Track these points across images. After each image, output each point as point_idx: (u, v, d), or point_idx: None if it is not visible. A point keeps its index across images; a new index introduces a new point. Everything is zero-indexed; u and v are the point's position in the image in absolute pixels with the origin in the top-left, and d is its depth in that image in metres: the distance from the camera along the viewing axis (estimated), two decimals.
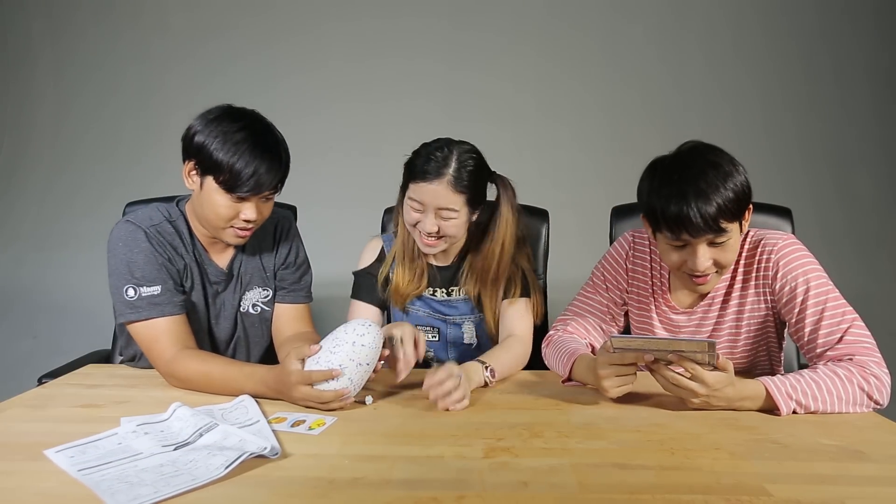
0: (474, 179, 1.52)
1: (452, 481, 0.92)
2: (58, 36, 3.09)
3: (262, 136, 1.39)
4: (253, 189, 1.36)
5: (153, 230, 1.44)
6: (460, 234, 1.59)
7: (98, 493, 0.86)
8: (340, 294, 1.87)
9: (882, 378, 1.25)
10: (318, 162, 3.05)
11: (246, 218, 1.40)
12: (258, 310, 1.60)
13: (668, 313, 1.52)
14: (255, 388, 1.29)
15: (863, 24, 3.05)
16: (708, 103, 3.03)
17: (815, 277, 1.35)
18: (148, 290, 1.39)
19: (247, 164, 1.34)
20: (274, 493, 0.88)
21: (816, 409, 1.21)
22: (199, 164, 1.38)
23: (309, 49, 3.05)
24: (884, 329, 3.05)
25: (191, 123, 1.40)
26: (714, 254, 1.31)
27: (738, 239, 1.33)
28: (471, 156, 1.54)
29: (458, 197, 1.50)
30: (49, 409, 1.24)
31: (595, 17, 3.05)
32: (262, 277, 1.59)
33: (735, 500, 0.86)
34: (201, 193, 1.40)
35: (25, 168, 3.12)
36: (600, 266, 1.62)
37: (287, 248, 1.63)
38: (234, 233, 1.43)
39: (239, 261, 1.56)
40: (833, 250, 3.08)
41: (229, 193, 1.36)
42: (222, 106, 1.42)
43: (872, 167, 3.10)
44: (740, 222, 1.31)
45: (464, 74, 3.06)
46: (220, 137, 1.35)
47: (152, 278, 1.40)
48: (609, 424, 1.15)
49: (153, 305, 1.38)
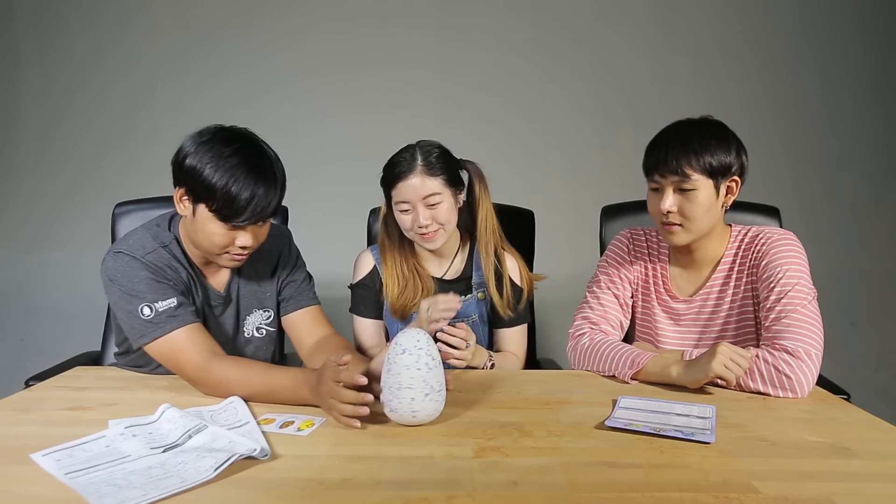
0: (444, 162, 1.62)
1: (443, 481, 0.92)
2: (47, 39, 3.06)
3: (256, 159, 1.31)
4: (249, 218, 1.30)
5: (149, 258, 1.37)
6: (452, 219, 1.65)
7: (86, 496, 0.85)
8: (330, 295, 1.87)
9: (803, 369, 1.31)
10: (309, 166, 3.04)
11: (242, 244, 1.35)
12: (263, 332, 1.57)
13: (669, 302, 1.58)
14: (295, 387, 1.23)
15: (847, 25, 3.08)
16: (694, 104, 2.99)
17: (795, 271, 1.41)
18: (164, 303, 1.32)
19: (241, 192, 1.27)
20: (264, 494, 0.88)
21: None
22: (191, 191, 1.31)
23: (300, 56, 3.04)
24: (869, 327, 3.11)
25: (181, 145, 1.32)
26: (680, 202, 1.41)
27: (710, 200, 1.41)
28: (433, 145, 1.65)
29: (436, 180, 1.59)
30: (36, 411, 1.23)
31: (581, 20, 3.05)
32: (261, 300, 1.56)
33: (724, 497, 0.86)
34: (195, 220, 1.34)
35: (14, 171, 3.09)
36: (605, 265, 1.66)
37: (288, 270, 1.59)
38: (230, 258, 1.38)
39: (236, 284, 1.52)
40: (819, 249, 3.10)
41: (224, 222, 1.30)
42: (213, 127, 1.34)
43: (857, 167, 3.13)
44: (716, 184, 1.41)
45: (453, 81, 3.05)
46: (212, 163, 1.27)
47: (165, 293, 1.34)
48: (599, 423, 1.16)
49: (172, 318, 1.32)
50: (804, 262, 1.43)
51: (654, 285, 1.60)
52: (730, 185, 1.44)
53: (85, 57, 3.04)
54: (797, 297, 1.37)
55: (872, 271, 3.13)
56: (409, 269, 1.71)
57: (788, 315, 1.36)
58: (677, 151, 1.39)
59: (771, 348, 1.33)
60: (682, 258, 1.56)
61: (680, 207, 1.42)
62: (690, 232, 1.44)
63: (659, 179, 1.43)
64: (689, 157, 1.39)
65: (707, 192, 1.40)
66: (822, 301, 1.40)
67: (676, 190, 1.41)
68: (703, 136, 1.41)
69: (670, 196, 1.42)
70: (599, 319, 1.58)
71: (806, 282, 1.40)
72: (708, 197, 1.41)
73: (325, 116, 3.05)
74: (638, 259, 1.63)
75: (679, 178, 1.39)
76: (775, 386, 1.29)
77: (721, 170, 1.40)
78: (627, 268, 1.63)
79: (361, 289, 1.76)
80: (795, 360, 1.30)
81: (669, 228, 1.45)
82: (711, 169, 1.39)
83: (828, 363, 1.99)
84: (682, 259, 1.56)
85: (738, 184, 1.44)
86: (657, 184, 1.44)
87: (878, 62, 3.10)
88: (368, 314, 1.77)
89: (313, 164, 2.99)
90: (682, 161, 1.39)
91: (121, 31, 3.04)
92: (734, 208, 1.86)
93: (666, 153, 1.40)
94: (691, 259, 1.54)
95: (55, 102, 3.07)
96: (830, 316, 3.08)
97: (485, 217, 1.70)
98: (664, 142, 1.43)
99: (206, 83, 3.02)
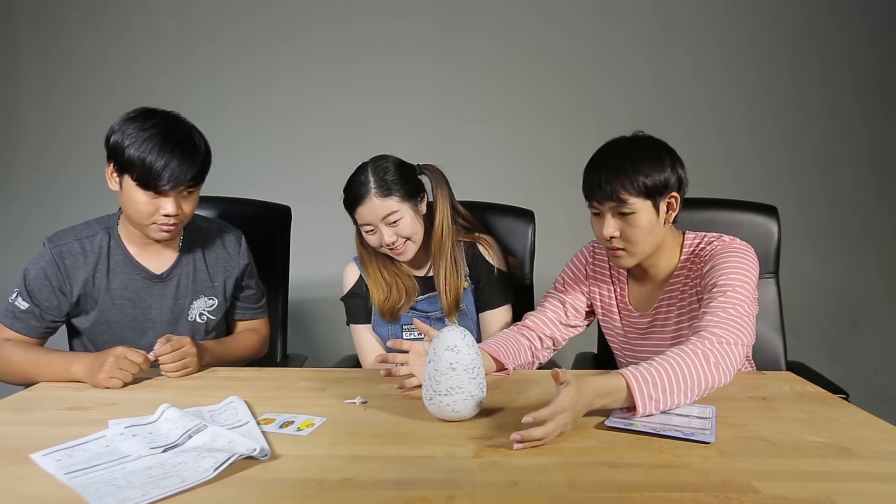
0: (396, 178, 1.63)
1: (443, 481, 0.91)
2: (47, 40, 3.06)
3: (173, 131, 1.44)
4: (167, 183, 1.41)
5: (65, 249, 1.52)
6: (417, 230, 1.67)
7: (85, 496, 0.85)
8: (331, 294, 1.88)
9: (729, 350, 1.22)
10: (311, 162, 3.06)
11: (166, 213, 1.44)
12: (204, 318, 1.65)
13: (628, 316, 1.57)
14: (70, 361, 1.41)
15: (848, 25, 3.08)
16: (695, 103, 3.05)
17: (737, 276, 1.33)
18: (21, 301, 1.52)
19: (157, 159, 1.39)
20: (264, 494, 0.88)
21: (674, 404, 1.16)
22: (117, 164, 1.43)
23: (301, 51, 3.05)
24: (869, 327, 3.11)
25: (111, 125, 1.45)
26: (621, 227, 1.38)
27: (651, 221, 1.38)
28: (384, 162, 1.66)
29: (391, 200, 1.61)
30: (36, 412, 1.23)
31: (583, 19, 3.06)
32: (206, 288, 1.65)
33: (723, 497, 0.86)
34: (122, 192, 1.45)
35: (14, 171, 3.09)
36: (562, 274, 1.68)
37: (240, 271, 1.70)
38: (159, 228, 1.47)
39: (179, 270, 1.61)
40: (818, 248, 3.12)
41: (145, 190, 1.41)
42: (138, 108, 1.47)
43: (858, 166, 3.13)
44: (654, 204, 1.37)
45: (453, 76, 3.06)
46: (133, 135, 1.40)
47: (32, 294, 1.51)
48: (599, 423, 1.16)
49: (10, 314, 1.52)
50: (750, 271, 1.36)
51: (617, 302, 1.59)
52: (669, 202, 1.40)
53: (85, 57, 3.05)
54: (735, 297, 1.29)
55: (872, 271, 3.12)
56: (391, 274, 1.74)
57: (724, 310, 1.27)
58: (610, 176, 1.35)
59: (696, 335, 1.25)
60: (638, 274, 1.54)
61: (622, 232, 1.39)
62: (635, 255, 1.42)
63: (597, 205, 1.40)
64: (622, 180, 1.34)
65: (647, 214, 1.37)
66: (822, 301, 1.39)
67: (615, 214, 1.38)
68: (634, 157, 1.36)
69: (610, 222, 1.39)
70: (532, 315, 1.62)
71: (748, 288, 1.32)
72: (648, 218, 1.37)
73: (327, 111, 3.07)
74: (597, 272, 1.62)
75: (615, 203, 1.36)
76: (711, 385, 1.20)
77: (657, 189, 1.36)
78: (583, 280, 1.63)
79: (352, 298, 1.80)
80: (722, 350, 1.21)
81: (614, 253, 1.43)
82: (647, 189, 1.35)
83: (828, 363, 2.00)
84: (638, 274, 1.55)
85: (677, 199, 1.41)
86: (597, 209, 1.42)
87: (878, 61, 3.11)
88: (365, 322, 1.80)
89: (316, 159, 3.00)
90: (616, 185, 1.35)
91: (121, 31, 3.04)
92: (732, 208, 1.87)
93: (599, 178, 1.37)
94: (646, 274, 1.52)
95: (55, 102, 3.07)
96: (830, 316, 3.11)
97: (441, 222, 1.70)
98: (597, 166, 1.39)
99: (206, 82, 3.03)
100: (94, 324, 1.58)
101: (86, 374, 1.38)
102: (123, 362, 1.35)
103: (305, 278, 2.38)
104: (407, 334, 1.75)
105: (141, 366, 1.37)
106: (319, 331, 3.03)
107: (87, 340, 1.62)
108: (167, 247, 1.60)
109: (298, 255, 2.13)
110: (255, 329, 1.78)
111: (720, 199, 1.88)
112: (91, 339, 1.61)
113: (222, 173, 1.64)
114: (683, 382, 1.16)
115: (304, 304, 2.74)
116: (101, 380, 1.35)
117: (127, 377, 1.36)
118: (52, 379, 1.42)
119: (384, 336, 1.77)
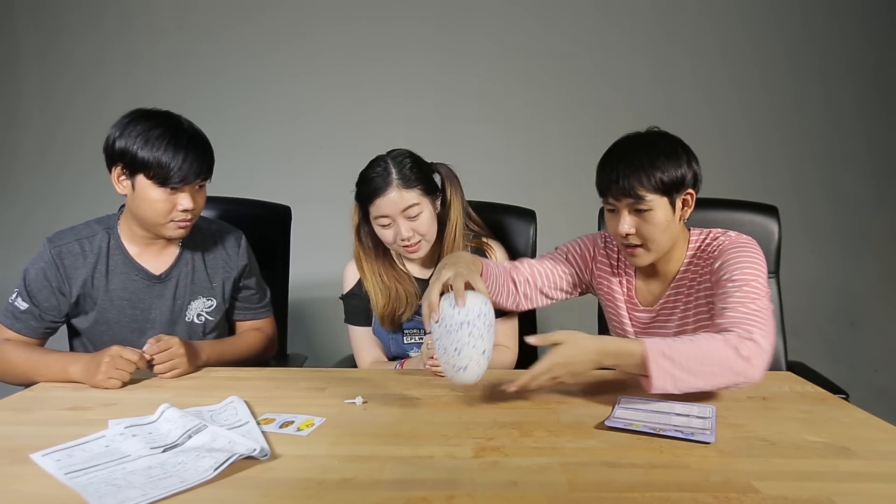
0: (418, 171, 1.61)
1: (443, 481, 0.92)
2: (47, 40, 3.06)
3: (179, 127, 1.47)
4: (185, 178, 1.44)
5: (64, 249, 1.53)
6: (433, 228, 1.64)
7: (85, 496, 0.85)
8: (331, 294, 1.88)
9: (761, 345, 1.19)
10: (311, 162, 3.06)
11: (184, 208, 1.47)
12: (202, 319, 1.65)
13: (634, 311, 1.56)
14: (67, 361, 1.41)
15: (849, 25, 3.08)
16: (695, 103, 3.05)
17: (750, 271, 1.33)
18: (21, 301, 1.52)
19: (173, 156, 1.43)
20: (264, 494, 0.88)
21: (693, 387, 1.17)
22: (127, 167, 1.45)
23: (301, 51, 3.05)
24: (869, 327, 3.11)
25: (108, 133, 1.47)
26: (637, 223, 1.37)
27: (668, 218, 1.37)
28: (404, 155, 1.63)
29: (413, 192, 1.58)
30: (35, 412, 1.23)
31: (583, 20, 3.05)
32: (205, 288, 1.65)
33: (723, 497, 0.86)
34: (135, 194, 1.47)
35: (15, 171, 3.09)
36: (569, 246, 1.64)
37: (240, 272, 1.70)
38: (176, 226, 1.50)
39: (178, 270, 1.62)
40: (818, 248, 3.12)
41: (163, 187, 1.44)
42: (132, 111, 1.49)
43: (858, 166, 3.13)
44: (671, 200, 1.36)
45: (454, 76, 3.06)
46: (141, 136, 1.43)
47: (31, 294, 1.52)
48: (599, 423, 1.16)
49: (10, 314, 1.53)
50: (760, 265, 1.35)
51: (622, 292, 1.58)
52: (685, 199, 1.39)
53: (85, 57, 3.04)
54: (752, 292, 1.29)
55: (872, 271, 3.12)
56: (391, 278, 1.70)
57: (745, 305, 1.26)
58: (627, 171, 1.34)
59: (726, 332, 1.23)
60: (647, 269, 1.53)
61: (638, 229, 1.38)
62: (652, 252, 1.41)
63: (613, 202, 1.39)
64: (639, 176, 1.33)
65: (663, 211, 1.36)
66: (822, 301, 1.39)
67: (632, 211, 1.37)
68: (651, 153, 1.35)
69: (626, 218, 1.38)
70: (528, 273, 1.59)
71: (761, 282, 1.32)
72: (665, 215, 1.36)
73: (327, 111, 3.06)
74: (603, 263, 1.60)
75: (633, 199, 1.35)
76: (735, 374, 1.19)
77: (674, 185, 1.35)
78: (588, 259, 1.61)
79: (352, 298, 1.77)
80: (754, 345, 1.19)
81: (632, 251, 1.42)
82: (664, 186, 1.34)
83: (828, 363, 2.01)
84: (646, 270, 1.53)
85: (693, 196, 1.40)
86: (612, 205, 1.40)
87: (878, 61, 3.10)
88: (363, 323, 1.77)
89: (316, 159, 3.00)
90: (634, 181, 1.33)
91: (121, 32, 3.04)
92: (732, 207, 1.88)
93: (616, 174, 1.35)
94: (654, 270, 1.52)
95: (55, 102, 3.07)
96: (830, 316, 3.11)
97: (454, 223, 1.68)
98: (613, 162, 1.38)
99: (206, 82, 3.03)
100: (93, 324, 1.58)
101: (83, 375, 1.38)
102: (119, 361, 1.36)
103: (305, 278, 2.37)
104: (408, 338, 1.74)
105: (137, 364, 1.38)
106: (319, 331, 3.03)
107: (87, 341, 1.62)
108: (167, 247, 1.61)
109: (298, 254, 2.13)
110: (259, 328, 1.77)
111: (720, 199, 1.88)
112: (91, 339, 1.61)
113: (222, 173, 1.63)
114: (706, 365, 1.16)
115: (304, 304, 2.74)
116: (99, 381, 1.35)
117: (124, 377, 1.36)
118: (50, 379, 1.42)
119: (385, 339, 1.75)
